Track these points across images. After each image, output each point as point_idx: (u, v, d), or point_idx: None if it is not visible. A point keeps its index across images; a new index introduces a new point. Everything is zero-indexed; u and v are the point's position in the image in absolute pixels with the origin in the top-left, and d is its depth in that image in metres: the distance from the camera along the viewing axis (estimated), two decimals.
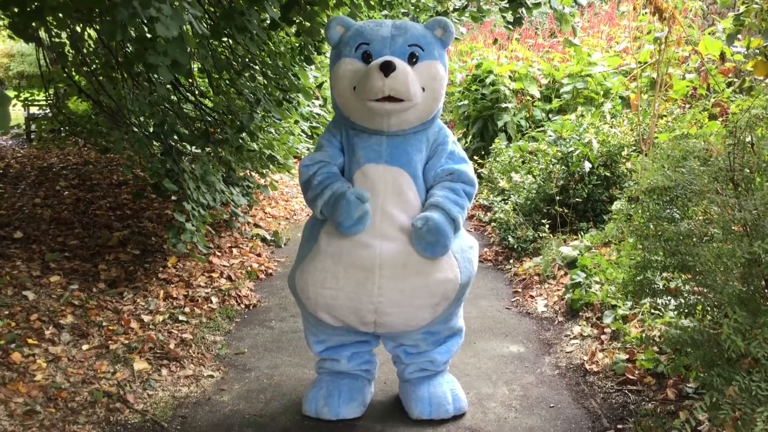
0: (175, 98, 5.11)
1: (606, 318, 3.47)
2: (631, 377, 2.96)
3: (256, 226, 5.79)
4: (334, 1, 4.57)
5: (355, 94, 2.43)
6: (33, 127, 9.25)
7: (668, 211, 2.47)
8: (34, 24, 3.56)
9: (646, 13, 5.27)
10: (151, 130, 4.32)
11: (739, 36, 4.70)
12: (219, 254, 4.79)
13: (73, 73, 5.55)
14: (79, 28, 4.46)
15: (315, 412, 2.72)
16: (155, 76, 3.83)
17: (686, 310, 2.43)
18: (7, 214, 5.04)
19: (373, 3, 5.26)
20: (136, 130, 4.18)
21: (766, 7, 3.91)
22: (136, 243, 4.59)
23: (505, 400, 2.91)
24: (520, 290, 4.44)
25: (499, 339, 3.64)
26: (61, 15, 3.75)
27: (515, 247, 5.12)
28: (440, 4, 6.10)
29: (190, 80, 5.28)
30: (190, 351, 3.32)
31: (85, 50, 4.89)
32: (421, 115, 2.50)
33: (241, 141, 4.88)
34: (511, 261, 5.03)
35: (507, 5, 4.91)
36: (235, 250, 5.00)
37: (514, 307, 4.18)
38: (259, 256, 5.09)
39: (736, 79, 5.54)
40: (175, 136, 4.26)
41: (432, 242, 2.39)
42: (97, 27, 4.05)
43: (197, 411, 2.82)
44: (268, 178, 6.15)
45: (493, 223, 5.72)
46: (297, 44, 5.14)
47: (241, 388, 3.03)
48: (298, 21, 4.21)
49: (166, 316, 3.63)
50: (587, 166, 4.98)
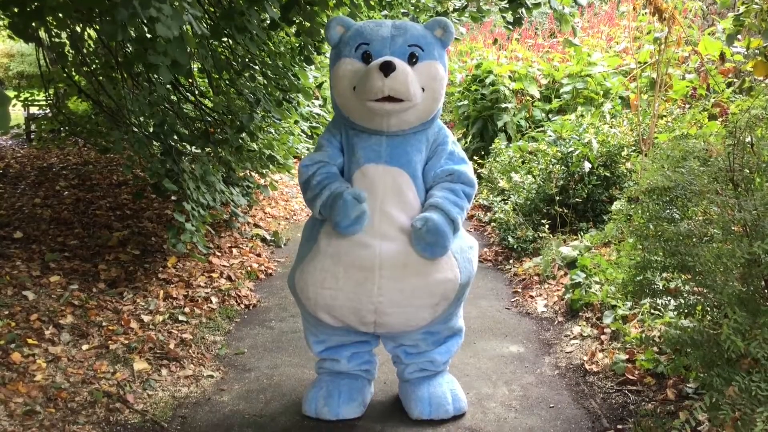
0: (175, 98, 5.11)
1: (606, 318, 3.47)
2: (631, 377, 2.97)
3: (256, 226, 5.79)
4: (334, 1, 4.57)
5: (355, 94, 2.43)
6: (33, 127, 9.25)
7: (668, 211, 2.47)
8: (34, 24, 3.56)
9: (645, 14, 5.27)
10: (151, 130, 4.32)
11: (739, 36, 4.70)
12: (219, 254, 4.79)
13: (73, 73, 5.54)
14: (79, 28, 4.46)
15: (315, 413, 2.72)
16: (155, 76, 3.83)
17: (686, 311, 2.43)
18: (7, 214, 5.04)
19: (373, 3, 5.26)
20: (136, 130, 4.18)
21: (766, 7, 3.91)
22: (136, 243, 4.59)
23: (504, 401, 2.91)
24: (519, 290, 4.44)
25: (499, 339, 3.64)
26: (61, 15, 3.75)
27: (515, 247, 5.12)
28: (440, 4, 6.10)
29: (190, 80, 5.28)
30: (190, 351, 3.32)
31: (85, 50, 4.89)
32: (420, 116, 2.50)
33: (241, 141, 4.88)
34: (511, 261, 5.03)
35: (507, 5, 4.91)
36: (235, 250, 5.00)
37: (514, 307, 4.18)
38: (259, 256, 5.09)
39: (735, 80, 5.54)
40: (175, 136, 4.26)
41: (431, 243, 2.40)
42: (97, 27, 4.05)
43: (197, 411, 2.82)
44: (268, 178, 6.15)
45: (493, 223, 5.72)
46: (297, 44, 5.14)
47: (241, 388, 3.03)
48: (298, 21, 4.21)
49: (166, 316, 3.63)
50: (587, 166, 4.98)
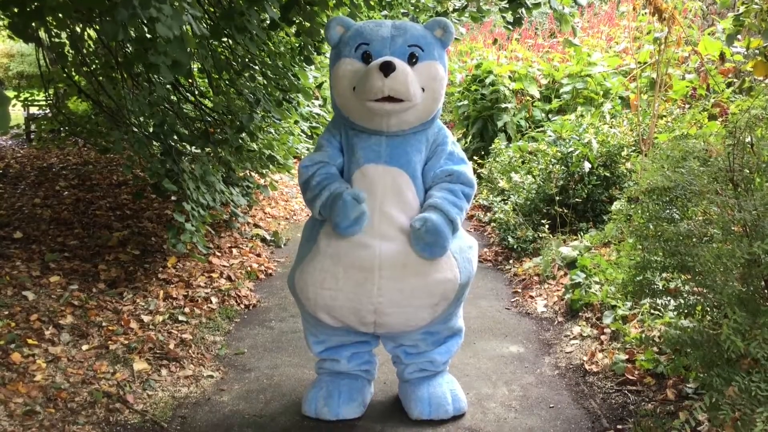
0: (175, 98, 5.10)
1: (606, 318, 3.47)
2: (631, 377, 2.97)
3: (256, 226, 5.79)
4: (334, 1, 4.57)
5: (355, 94, 2.43)
6: (33, 127, 9.25)
7: (668, 211, 2.47)
8: (33, 24, 3.55)
9: (645, 14, 5.27)
10: (151, 130, 4.32)
11: (739, 36, 4.71)
12: (219, 254, 4.79)
13: (73, 73, 5.54)
14: (79, 28, 4.46)
15: (315, 413, 2.72)
16: (155, 76, 3.83)
17: (686, 311, 2.43)
18: (7, 214, 5.04)
19: (372, 3, 5.26)
20: (135, 130, 4.18)
21: (766, 7, 3.91)
22: (136, 243, 4.59)
23: (504, 401, 2.91)
24: (519, 290, 4.44)
25: (499, 339, 3.64)
26: (61, 15, 3.75)
27: (515, 247, 5.12)
28: (440, 4, 6.10)
29: (190, 80, 5.28)
30: (190, 351, 3.32)
31: (85, 50, 4.89)
32: (420, 116, 2.50)
33: (240, 141, 4.88)
34: (511, 261, 5.03)
35: (507, 5, 4.90)
36: (234, 251, 5.00)
37: (514, 308, 4.18)
38: (259, 256, 5.09)
39: (735, 80, 5.55)
40: (175, 136, 4.26)
41: (430, 243, 2.40)
42: (97, 27, 4.04)
43: (197, 411, 2.82)
44: (268, 178, 6.15)
45: (493, 224, 5.72)
46: (297, 44, 5.14)
47: (241, 389, 3.03)
48: (297, 21, 4.21)
49: (165, 316, 3.63)
50: (587, 166, 4.99)
